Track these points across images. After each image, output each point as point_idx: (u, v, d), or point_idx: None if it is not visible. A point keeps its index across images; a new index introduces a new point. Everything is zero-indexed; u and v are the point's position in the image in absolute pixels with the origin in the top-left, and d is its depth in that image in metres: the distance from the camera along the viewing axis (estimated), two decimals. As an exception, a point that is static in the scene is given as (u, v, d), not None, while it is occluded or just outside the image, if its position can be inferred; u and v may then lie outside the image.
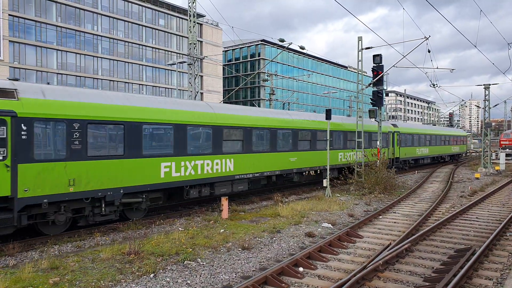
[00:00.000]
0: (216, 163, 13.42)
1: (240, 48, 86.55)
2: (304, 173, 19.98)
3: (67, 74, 55.77)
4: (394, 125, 27.97)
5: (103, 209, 10.48)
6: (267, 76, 71.27)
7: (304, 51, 25.05)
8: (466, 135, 44.20)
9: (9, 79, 9.49)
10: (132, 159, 10.84)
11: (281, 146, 16.72)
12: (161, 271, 7.27)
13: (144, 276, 6.97)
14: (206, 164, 13.08)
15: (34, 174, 8.94)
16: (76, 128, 9.72)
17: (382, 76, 20.06)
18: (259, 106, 77.94)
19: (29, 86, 9.50)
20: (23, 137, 8.80)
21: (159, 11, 67.16)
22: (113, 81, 61.42)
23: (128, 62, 63.34)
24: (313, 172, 20.74)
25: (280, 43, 23.70)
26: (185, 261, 7.78)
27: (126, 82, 63.15)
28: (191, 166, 12.57)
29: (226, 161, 13.83)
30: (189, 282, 6.83)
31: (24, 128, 8.84)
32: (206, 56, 30.34)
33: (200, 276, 7.13)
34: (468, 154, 61.58)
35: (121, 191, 10.65)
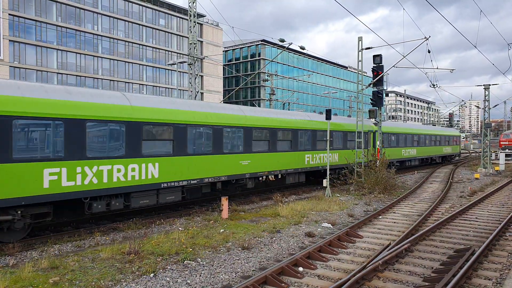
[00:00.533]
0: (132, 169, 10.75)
1: (240, 48, 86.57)
2: (260, 179, 18.42)
3: (67, 74, 55.79)
4: (376, 124, 27.57)
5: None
6: (267, 76, 71.33)
7: (304, 51, 25.07)
8: (459, 134, 41.23)
9: None
10: None
11: (229, 147, 14.13)
12: (161, 270, 7.28)
13: (144, 276, 6.98)
14: (117, 170, 10.39)
15: None
16: None
17: (382, 76, 20.08)
18: (259, 106, 77.98)
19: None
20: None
21: (159, 11, 67.18)
22: (114, 81, 61.45)
23: (129, 62, 63.37)
24: (272, 177, 19.42)
25: (280, 43, 23.72)
26: (185, 261, 7.79)
27: (127, 82, 63.17)
28: (93, 172, 9.85)
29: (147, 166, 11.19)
30: (189, 281, 6.84)
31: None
32: (207, 56, 30.35)
33: (200, 275, 7.14)
34: (462, 155, 61.29)
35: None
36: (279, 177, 18.12)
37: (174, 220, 12.04)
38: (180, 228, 10.84)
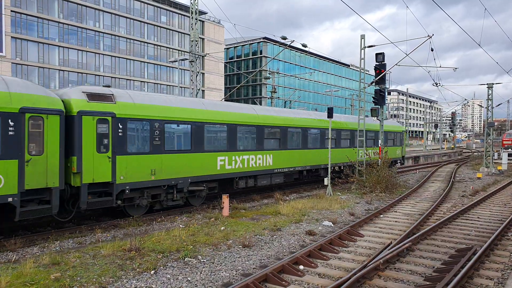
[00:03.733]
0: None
1: (242, 45, 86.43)
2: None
3: (69, 71, 55.83)
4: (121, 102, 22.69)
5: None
6: (269, 74, 71.22)
7: (306, 49, 24.99)
8: (400, 129, 27.34)
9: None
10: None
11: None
12: (161, 267, 7.28)
13: (145, 273, 6.98)
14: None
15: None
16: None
17: (385, 74, 20.00)
18: (260, 104, 77.88)
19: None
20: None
21: (161, 8, 67.08)
22: (115, 78, 61.46)
23: (130, 59, 63.34)
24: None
25: (282, 41, 23.65)
26: (186, 258, 7.79)
27: (128, 79, 63.19)
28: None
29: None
30: (189, 279, 6.84)
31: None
32: (208, 54, 30.32)
33: (201, 273, 7.14)
34: (464, 154, 60.39)
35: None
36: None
37: (175, 218, 12.04)
38: (181, 226, 10.84)
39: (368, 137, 22.52)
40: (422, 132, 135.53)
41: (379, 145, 20.86)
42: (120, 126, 10.71)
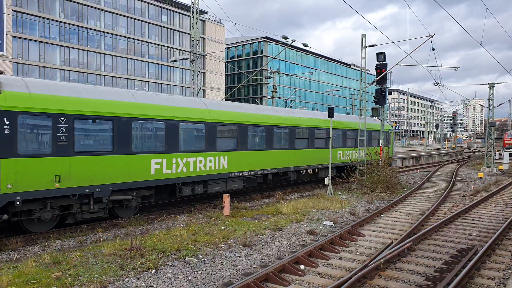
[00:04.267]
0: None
1: (243, 45, 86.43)
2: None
3: (69, 70, 55.87)
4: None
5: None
6: (269, 73, 71.21)
7: (307, 48, 24.98)
8: (386, 128, 25.21)
9: None
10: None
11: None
12: (162, 267, 7.28)
13: (146, 272, 6.99)
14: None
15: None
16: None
17: (386, 74, 19.98)
18: (261, 104, 77.89)
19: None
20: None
21: (162, 7, 67.11)
22: (116, 77, 61.50)
23: (131, 59, 63.39)
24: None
25: (283, 40, 23.63)
26: (187, 258, 7.79)
27: (129, 79, 63.24)
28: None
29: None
30: (190, 278, 6.84)
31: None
32: (209, 53, 30.32)
33: (201, 272, 7.14)
34: (465, 154, 60.34)
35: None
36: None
37: (175, 217, 12.04)
38: (181, 225, 10.85)
39: (348, 136, 20.91)
40: (423, 131, 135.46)
41: (380, 145, 20.85)
42: (7, 122, 8.49)
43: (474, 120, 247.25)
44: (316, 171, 19.57)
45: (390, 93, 25.41)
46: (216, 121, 13.53)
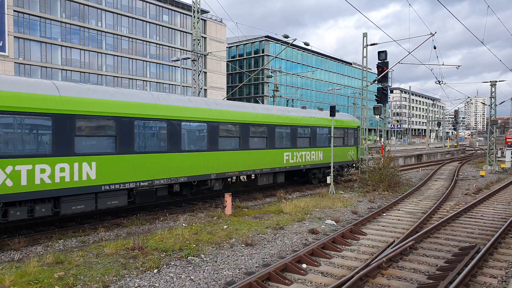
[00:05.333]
0: None
1: (244, 44, 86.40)
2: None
3: (71, 70, 55.98)
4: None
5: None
6: (271, 72, 71.17)
7: (308, 47, 24.94)
8: (354, 125, 21.63)
9: None
10: None
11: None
12: (164, 266, 7.29)
13: (148, 272, 7.00)
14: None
15: None
16: None
17: (387, 72, 19.94)
18: (263, 103, 77.90)
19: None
20: None
21: (163, 7, 67.13)
22: (117, 77, 61.58)
23: (132, 58, 63.45)
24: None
25: (284, 39, 23.60)
26: (189, 257, 7.80)
27: (130, 78, 63.31)
28: None
29: None
30: (192, 277, 6.85)
31: None
32: (210, 53, 30.33)
33: (204, 272, 7.15)
34: (468, 152, 60.01)
35: None
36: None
37: (177, 216, 12.06)
38: (183, 224, 10.86)
39: (301, 134, 17.69)
40: (425, 130, 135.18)
41: (382, 144, 20.81)
42: None
43: (476, 118, 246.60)
44: (253, 177, 15.80)
45: (391, 92, 25.16)
46: (70, 112, 9.56)
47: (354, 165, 21.69)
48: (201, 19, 61.12)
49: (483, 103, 47.31)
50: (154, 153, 11.42)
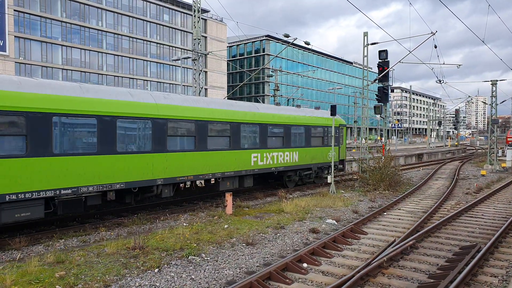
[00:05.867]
0: None
1: (245, 43, 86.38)
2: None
3: (72, 70, 56.01)
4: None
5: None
6: (271, 72, 71.11)
7: (308, 46, 24.93)
8: (331, 123, 18.71)
9: None
10: None
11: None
12: (165, 266, 7.30)
13: (149, 271, 7.01)
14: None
15: None
16: None
17: (388, 72, 19.92)
18: (263, 102, 77.91)
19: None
20: None
21: (163, 6, 67.12)
22: (118, 76, 61.60)
23: (133, 58, 63.46)
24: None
25: (285, 39, 23.59)
26: (190, 256, 7.81)
27: (131, 78, 63.33)
28: None
29: None
30: (193, 277, 6.85)
31: None
32: (211, 52, 30.31)
33: (204, 271, 7.16)
34: (468, 151, 60.04)
35: None
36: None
37: (178, 216, 12.07)
38: (184, 224, 10.87)
39: (273, 133, 15.99)
40: (425, 129, 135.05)
41: (382, 143, 20.80)
42: None
43: (476, 118, 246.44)
44: (213, 181, 14.27)
45: (392, 91, 25.01)
46: None
47: (336, 166, 19.99)
48: (202, 18, 61.07)
49: (484, 102, 47.34)
50: (80, 155, 9.69)
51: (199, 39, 21.81)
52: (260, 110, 15.65)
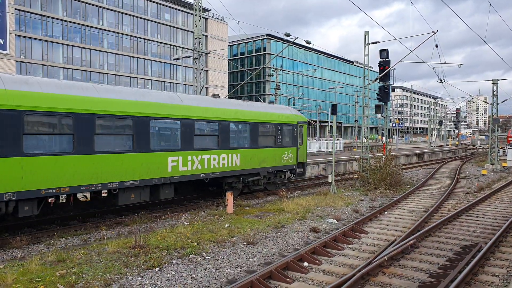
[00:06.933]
0: None
1: (246, 42, 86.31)
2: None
3: (73, 69, 56.03)
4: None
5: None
6: (272, 71, 71.05)
7: (309, 45, 24.91)
8: (292, 120, 17.03)
9: None
10: None
11: None
12: (166, 264, 7.31)
13: (150, 270, 7.02)
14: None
15: None
16: None
17: (389, 71, 19.90)
18: (264, 101, 77.88)
19: None
20: None
21: (164, 5, 67.09)
22: (119, 75, 61.61)
23: (134, 57, 63.47)
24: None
25: (286, 38, 23.57)
26: (190, 255, 7.81)
27: (132, 77, 63.34)
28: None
29: None
30: (194, 276, 6.86)
31: None
32: (212, 51, 30.31)
33: (205, 270, 7.16)
34: (469, 151, 60.07)
35: None
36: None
37: (179, 215, 12.08)
38: (185, 223, 10.88)
39: (200, 132, 12.98)
40: (426, 128, 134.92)
41: (383, 142, 20.78)
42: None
43: (477, 117, 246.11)
44: (105, 194, 10.34)
45: (393, 90, 24.91)
46: None
47: (294, 171, 17.39)
48: (203, 17, 61.04)
49: (485, 102, 47.26)
50: None
51: (200, 38, 21.80)
52: (184, 102, 12.55)
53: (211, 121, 13.28)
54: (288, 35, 22.44)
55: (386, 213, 12.63)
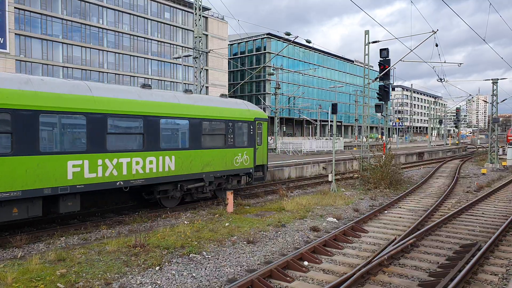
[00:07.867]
0: None
1: (246, 41, 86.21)
2: None
3: (72, 68, 55.99)
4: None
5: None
6: (272, 70, 71.02)
7: (310, 45, 24.90)
8: (248, 117, 14.81)
9: None
10: None
11: None
12: (166, 264, 7.32)
13: (150, 269, 7.03)
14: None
15: None
16: None
17: (389, 70, 19.89)
18: (264, 100, 77.88)
19: None
20: None
21: (164, 4, 67.01)
22: (119, 74, 61.57)
23: (134, 56, 63.41)
24: None
25: (286, 37, 23.56)
26: (190, 254, 7.82)
27: (132, 76, 63.30)
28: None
29: None
30: (194, 275, 6.87)
31: None
32: (212, 50, 30.29)
33: (205, 269, 7.17)
34: (469, 150, 60.13)
35: None
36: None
37: (179, 214, 12.09)
38: (185, 222, 10.89)
39: (116, 129, 10.72)
40: (426, 128, 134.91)
41: (383, 141, 20.79)
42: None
43: (477, 116, 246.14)
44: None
45: (393, 89, 24.86)
46: None
47: (251, 175, 15.21)
48: (203, 16, 61.00)
49: (485, 101, 47.23)
50: None
51: (200, 37, 21.79)
52: (93, 94, 10.12)
53: (133, 116, 10.84)
54: (288, 34, 22.42)
55: (386, 212, 12.64)
